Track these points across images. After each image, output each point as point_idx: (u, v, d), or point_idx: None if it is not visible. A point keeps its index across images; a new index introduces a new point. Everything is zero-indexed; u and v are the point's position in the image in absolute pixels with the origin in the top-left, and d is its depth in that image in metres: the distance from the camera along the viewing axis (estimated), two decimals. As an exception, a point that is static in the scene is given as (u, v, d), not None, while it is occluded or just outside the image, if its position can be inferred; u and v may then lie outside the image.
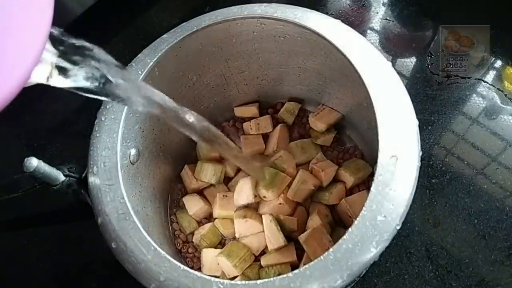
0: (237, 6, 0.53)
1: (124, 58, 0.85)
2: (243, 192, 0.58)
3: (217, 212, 0.59)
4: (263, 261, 0.54)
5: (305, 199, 0.58)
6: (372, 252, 0.36)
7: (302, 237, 0.53)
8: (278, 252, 0.54)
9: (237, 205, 0.59)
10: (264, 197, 0.58)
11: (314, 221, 0.54)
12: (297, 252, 0.54)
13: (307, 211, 0.59)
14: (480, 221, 0.58)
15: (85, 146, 0.71)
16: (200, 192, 0.64)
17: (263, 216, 0.56)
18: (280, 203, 0.56)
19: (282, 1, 0.54)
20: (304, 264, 0.37)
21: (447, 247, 0.57)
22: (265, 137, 0.67)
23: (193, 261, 0.58)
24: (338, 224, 0.57)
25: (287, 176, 0.58)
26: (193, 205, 0.60)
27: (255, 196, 0.58)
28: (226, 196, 0.60)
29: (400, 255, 0.57)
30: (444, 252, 0.56)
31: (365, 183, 0.59)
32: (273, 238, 0.54)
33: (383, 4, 0.81)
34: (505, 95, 0.67)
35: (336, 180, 0.59)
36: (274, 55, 0.60)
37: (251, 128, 0.66)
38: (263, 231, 0.56)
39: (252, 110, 0.68)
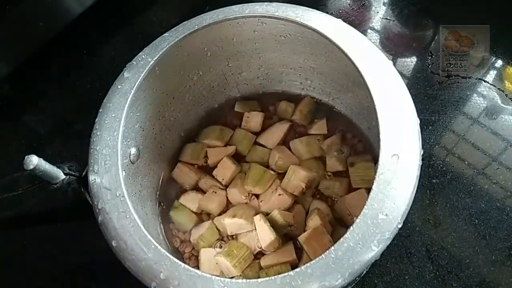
0: (238, 5, 0.53)
1: (124, 57, 0.85)
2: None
3: (199, 205, 0.60)
4: (263, 262, 0.54)
5: (301, 192, 0.57)
6: (373, 250, 0.36)
7: (302, 237, 0.53)
8: (277, 252, 0.54)
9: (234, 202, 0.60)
10: (250, 191, 0.59)
11: (314, 220, 0.54)
12: (296, 252, 0.54)
13: (306, 211, 0.58)
14: (481, 221, 0.58)
15: (85, 145, 0.71)
16: (197, 189, 0.64)
17: (254, 217, 0.56)
18: (279, 194, 0.56)
19: (283, 0, 0.54)
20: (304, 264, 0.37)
21: (448, 247, 0.56)
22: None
23: (191, 259, 0.58)
24: (338, 223, 0.57)
25: (273, 174, 0.59)
26: (193, 202, 0.60)
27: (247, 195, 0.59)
28: (215, 192, 0.60)
29: (400, 255, 0.57)
30: (444, 252, 0.56)
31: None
32: (264, 234, 0.54)
33: (384, 4, 0.81)
34: (506, 95, 0.67)
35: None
36: (275, 54, 0.60)
37: (247, 122, 0.66)
38: (255, 229, 0.56)
39: (253, 104, 0.68)
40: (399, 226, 0.37)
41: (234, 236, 0.58)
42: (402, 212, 0.37)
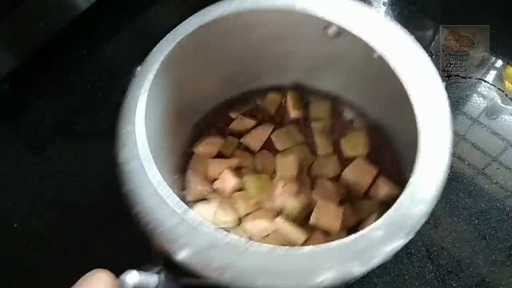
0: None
1: (124, 57, 0.85)
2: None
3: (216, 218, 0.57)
4: None
5: (297, 178, 0.58)
6: (398, 242, 0.35)
7: (312, 219, 0.53)
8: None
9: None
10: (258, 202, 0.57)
11: (318, 196, 0.55)
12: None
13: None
14: (481, 221, 0.58)
15: (85, 146, 0.72)
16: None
17: (276, 220, 0.55)
18: (282, 186, 0.56)
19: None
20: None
21: (448, 247, 0.56)
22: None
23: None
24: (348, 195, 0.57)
25: (268, 176, 0.59)
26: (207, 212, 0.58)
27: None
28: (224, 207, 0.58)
29: (400, 255, 0.57)
30: (444, 252, 0.56)
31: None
32: (295, 235, 0.53)
33: (384, 4, 0.81)
34: (506, 95, 0.67)
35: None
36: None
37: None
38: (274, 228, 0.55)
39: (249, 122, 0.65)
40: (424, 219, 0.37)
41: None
42: (428, 207, 0.38)
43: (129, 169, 0.43)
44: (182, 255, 0.37)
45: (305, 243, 0.53)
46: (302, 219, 0.55)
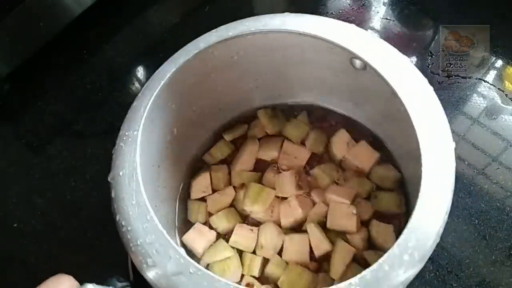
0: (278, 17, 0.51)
1: (124, 57, 0.85)
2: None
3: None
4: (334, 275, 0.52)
5: (298, 187, 0.58)
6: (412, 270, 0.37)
7: (328, 223, 0.54)
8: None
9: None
10: (251, 211, 0.57)
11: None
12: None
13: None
14: (481, 221, 0.58)
15: (85, 146, 0.72)
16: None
17: (307, 226, 0.54)
18: (289, 200, 0.56)
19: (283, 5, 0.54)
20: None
21: (448, 247, 0.56)
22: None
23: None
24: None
25: (272, 191, 0.58)
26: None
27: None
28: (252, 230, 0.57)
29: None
30: (444, 252, 0.56)
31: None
32: (319, 242, 0.53)
33: (384, 4, 0.81)
34: (506, 95, 0.67)
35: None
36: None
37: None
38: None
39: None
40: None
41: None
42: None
43: (120, 174, 0.44)
44: (151, 274, 0.38)
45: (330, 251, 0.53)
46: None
